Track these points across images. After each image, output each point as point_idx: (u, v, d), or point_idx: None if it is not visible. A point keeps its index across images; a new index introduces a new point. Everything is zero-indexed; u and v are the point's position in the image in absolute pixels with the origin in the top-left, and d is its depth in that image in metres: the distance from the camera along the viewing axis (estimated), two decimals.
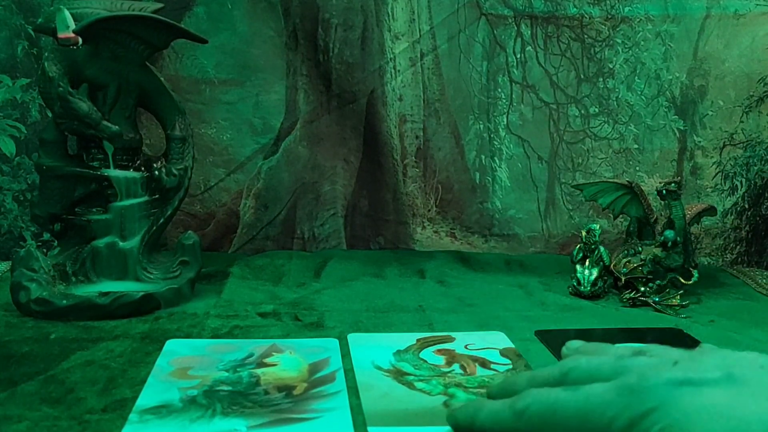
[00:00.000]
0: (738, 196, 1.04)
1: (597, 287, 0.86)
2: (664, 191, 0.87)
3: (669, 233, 0.85)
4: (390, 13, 1.00)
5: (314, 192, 1.04)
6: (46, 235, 0.96)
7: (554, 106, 1.03)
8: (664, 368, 0.30)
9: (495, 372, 0.62)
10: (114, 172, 0.79)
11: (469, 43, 1.01)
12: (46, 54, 0.75)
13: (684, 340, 0.72)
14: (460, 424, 0.38)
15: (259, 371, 0.60)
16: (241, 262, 0.94)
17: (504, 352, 0.66)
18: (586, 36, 1.01)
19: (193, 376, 0.59)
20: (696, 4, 1.00)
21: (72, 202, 0.79)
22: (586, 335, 0.74)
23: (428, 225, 1.06)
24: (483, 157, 1.04)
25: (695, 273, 0.87)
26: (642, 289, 0.85)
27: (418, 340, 0.69)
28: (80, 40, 0.72)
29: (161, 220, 0.81)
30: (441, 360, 0.64)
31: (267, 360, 0.63)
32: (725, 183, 1.04)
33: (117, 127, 0.77)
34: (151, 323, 0.72)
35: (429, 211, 1.06)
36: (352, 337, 0.69)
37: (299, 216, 1.05)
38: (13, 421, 0.50)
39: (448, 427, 0.51)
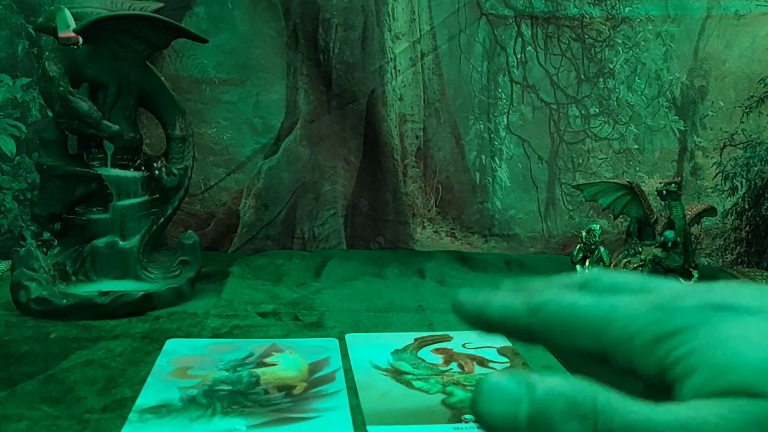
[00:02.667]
0: (738, 196, 1.04)
1: None
2: (664, 192, 0.87)
3: (669, 234, 0.85)
4: (390, 13, 1.00)
5: (314, 192, 1.04)
6: (46, 235, 0.96)
7: (554, 106, 1.03)
8: (700, 291, 0.28)
9: (493, 370, 0.62)
10: (108, 171, 0.78)
11: (469, 43, 1.01)
12: (47, 53, 0.75)
13: None
14: (466, 311, 0.35)
15: (259, 371, 0.60)
16: (241, 262, 0.94)
17: (502, 351, 0.66)
18: (586, 36, 1.01)
19: (193, 376, 0.59)
20: (696, 5, 1.00)
21: (72, 201, 0.79)
22: None
23: (428, 225, 1.06)
24: (483, 157, 1.04)
25: (695, 273, 0.87)
26: None
27: (415, 340, 0.69)
28: (81, 39, 0.73)
29: (161, 220, 0.81)
30: (439, 359, 0.64)
31: (267, 360, 0.63)
32: (725, 183, 1.04)
33: (117, 126, 0.77)
34: (151, 323, 0.72)
35: (429, 211, 1.06)
36: (350, 337, 0.69)
37: (299, 216, 1.05)
38: (13, 420, 0.50)
39: (447, 426, 0.51)
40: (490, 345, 0.68)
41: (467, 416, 0.53)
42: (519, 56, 1.02)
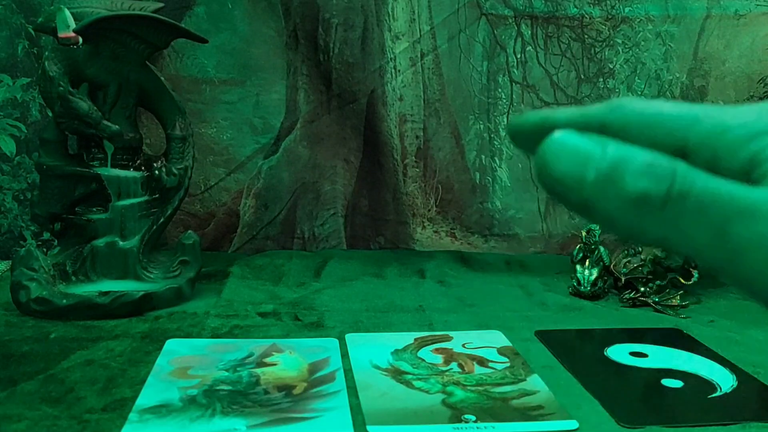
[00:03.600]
0: None
1: (597, 287, 0.86)
2: None
3: None
4: (390, 13, 1.00)
5: (314, 192, 1.04)
6: (46, 235, 0.96)
7: (555, 106, 1.03)
8: None
9: (493, 370, 0.62)
10: (108, 171, 0.79)
11: (469, 43, 1.01)
12: (47, 53, 0.75)
13: (684, 341, 0.72)
14: (526, 124, 0.29)
15: (259, 371, 0.60)
16: (241, 262, 0.94)
17: (502, 351, 0.66)
18: (586, 36, 1.01)
19: (192, 376, 0.59)
20: (696, 5, 1.00)
21: (72, 201, 0.79)
22: (586, 335, 0.75)
23: (428, 225, 1.06)
24: (483, 157, 1.04)
25: (695, 273, 0.87)
26: (642, 289, 0.85)
27: (415, 340, 0.69)
28: (81, 39, 0.73)
29: (161, 220, 0.81)
30: (439, 359, 0.64)
31: (267, 360, 0.63)
32: None
33: (117, 126, 0.77)
34: (151, 323, 0.72)
35: (429, 211, 1.06)
36: (350, 337, 0.69)
37: (299, 216, 1.05)
38: (13, 420, 0.50)
39: (447, 426, 0.51)
40: (490, 345, 0.68)
41: (467, 416, 0.53)
42: (519, 56, 1.02)
